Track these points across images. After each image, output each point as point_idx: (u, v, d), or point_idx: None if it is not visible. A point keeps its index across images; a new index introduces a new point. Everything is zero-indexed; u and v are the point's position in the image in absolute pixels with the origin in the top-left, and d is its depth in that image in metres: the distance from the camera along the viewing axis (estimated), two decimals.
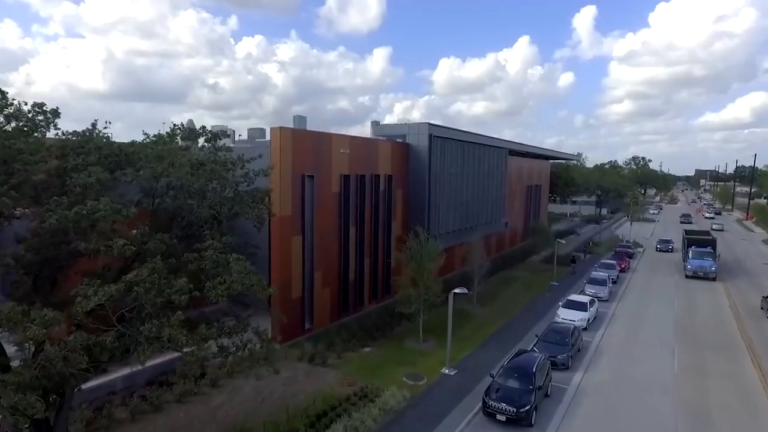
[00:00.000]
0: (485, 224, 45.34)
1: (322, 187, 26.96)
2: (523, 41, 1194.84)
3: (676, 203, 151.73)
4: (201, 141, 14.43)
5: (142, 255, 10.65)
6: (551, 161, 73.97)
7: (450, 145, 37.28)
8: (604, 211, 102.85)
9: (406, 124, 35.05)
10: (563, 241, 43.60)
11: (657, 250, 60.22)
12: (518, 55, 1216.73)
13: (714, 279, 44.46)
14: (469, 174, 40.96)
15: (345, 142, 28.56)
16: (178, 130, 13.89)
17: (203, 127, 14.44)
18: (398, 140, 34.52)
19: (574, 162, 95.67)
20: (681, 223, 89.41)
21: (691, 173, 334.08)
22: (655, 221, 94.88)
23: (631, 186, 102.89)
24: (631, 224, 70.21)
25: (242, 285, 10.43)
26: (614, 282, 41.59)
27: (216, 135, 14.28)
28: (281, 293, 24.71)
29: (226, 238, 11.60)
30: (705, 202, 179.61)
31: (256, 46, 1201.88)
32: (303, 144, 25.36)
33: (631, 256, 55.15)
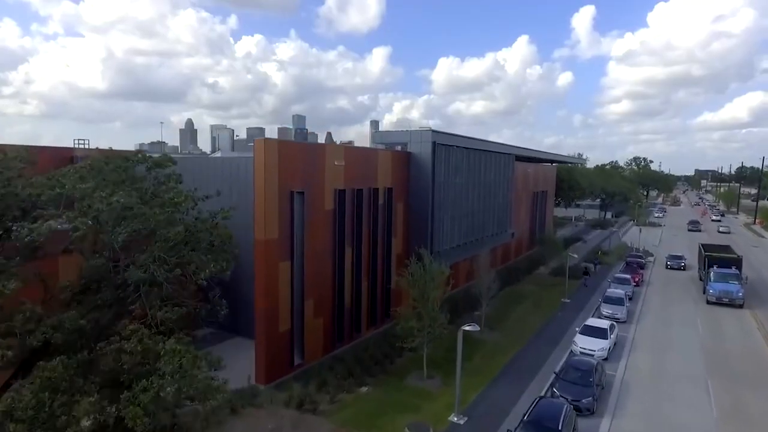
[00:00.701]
0: (492, 236, 42.32)
1: (314, 204, 23.90)
2: (522, 41, 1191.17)
3: (679, 205, 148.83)
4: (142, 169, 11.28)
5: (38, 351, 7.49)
6: (555, 164, 70.95)
7: (454, 152, 34.23)
8: (608, 215, 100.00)
9: (407, 131, 31.99)
10: (575, 256, 40.61)
11: (668, 268, 52.37)
12: (517, 55, 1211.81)
13: (741, 306, 37.85)
14: (474, 183, 37.91)
15: (340, 152, 25.49)
16: (104, 165, 10.69)
17: (140, 153, 11.34)
18: (398, 148, 31.50)
19: (578, 165, 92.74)
20: (690, 230, 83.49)
21: (689, 172, 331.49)
22: (661, 226, 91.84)
23: (635, 189, 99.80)
24: (640, 231, 67.08)
25: (182, 392, 7.34)
26: (630, 299, 38.60)
27: (159, 162, 11.15)
28: (267, 326, 21.66)
29: (165, 313, 8.50)
30: (708, 203, 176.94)
31: (256, 45, 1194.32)
32: (291, 157, 22.28)
33: (642, 266, 52.19)
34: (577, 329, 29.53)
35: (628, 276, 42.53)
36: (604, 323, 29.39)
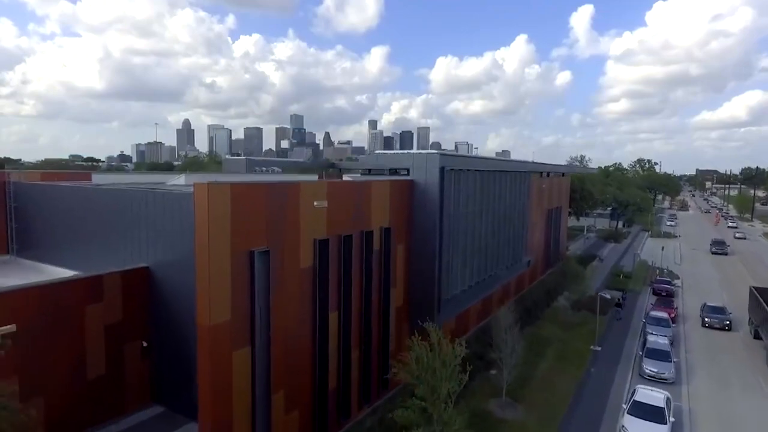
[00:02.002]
0: (506, 268, 36.00)
1: (285, 264, 17.55)
2: (521, 40, 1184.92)
3: (687, 209, 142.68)
4: None
5: None
6: (568, 176, 64.66)
7: (465, 177, 27.90)
8: (619, 223, 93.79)
9: (408, 153, 25.62)
10: (608, 296, 34.39)
11: (705, 326, 37.38)
12: (515, 54, 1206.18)
13: None
14: (488, 210, 31.57)
15: (321, 190, 19.11)
16: None
17: None
18: (401, 173, 25.21)
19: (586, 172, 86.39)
20: (714, 252, 68.86)
21: (689, 171, 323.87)
22: (676, 237, 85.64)
23: (647, 198, 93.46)
24: (662, 250, 60.76)
25: None
26: (671, 343, 32.40)
27: None
28: None
29: None
30: (714, 205, 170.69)
31: (254, 44, 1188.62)
32: (251, 204, 15.92)
33: (672, 294, 46.05)
34: (623, 405, 23.28)
35: (665, 315, 36.21)
36: (659, 397, 23.11)
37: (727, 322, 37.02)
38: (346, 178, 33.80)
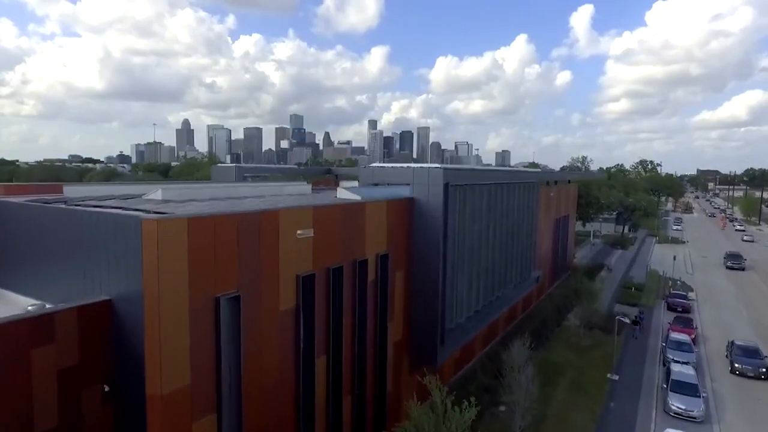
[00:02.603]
0: (514, 287, 33.07)
1: (262, 307, 14.61)
2: (521, 40, 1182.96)
3: (692, 212, 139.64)
4: None
5: None
6: (576, 182, 61.71)
7: (471, 192, 24.96)
8: (624, 227, 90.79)
9: (408, 167, 22.65)
10: (626, 319, 31.39)
11: (735, 372, 30.25)
12: (515, 54, 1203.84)
13: None
14: (495, 226, 28.64)
15: (305, 217, 16.15)
16: None
17: None
18: (400, 189, 22.27)
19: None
20: (728, 267, 61.41)
21: (689, 171, 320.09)
22: (684, 242, 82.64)
23: (654, 204, 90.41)
24: (674, 259, 57.79)
25: None
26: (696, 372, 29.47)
27: None
28: None
29: None
30: (716, 207, 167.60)
31: (254, 44, 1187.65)
32: (215, 240, 12.98)
33: (688, 310, 43.15)
34: None
35: (687, 338, 33.23)
36: None
37: (764, 369, 29.75)
38: (342, 188, 30.83)
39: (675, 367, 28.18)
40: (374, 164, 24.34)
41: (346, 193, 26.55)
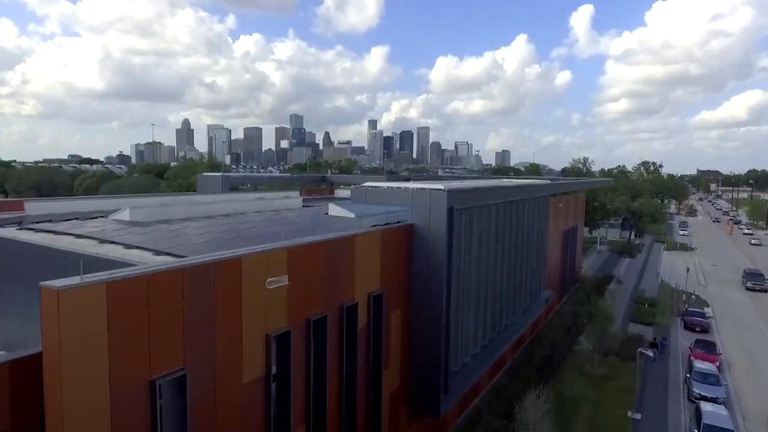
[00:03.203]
0: (523, 312, 29.91)
1: (218, 383, 11.40)
2: (521, 40, 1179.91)
3: (696, 215, 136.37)
4: None
5: None
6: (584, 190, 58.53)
7: (478, 214, 21.77)
8: (629, 233, 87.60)
9: (405, 189, 19.44)
10: (650, 353, 28.21)
11: None
12: (515, 54, 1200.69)
13: None
14: (503, 248, 25.46)
15: (278, 260, 12.91)
16: None
17: None
18: (394, 215, 19.07)
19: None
20: (751, 288, 53.70)
21: (688, 171, 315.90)
22: (692, 249, 79.38)
23: (660, 209, 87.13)
24: (688, 271, 54.55)
25: None
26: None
27: None
28: None
29: None
30: (719, 208, 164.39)
31: (254, 44, 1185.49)
32: (145, 306, 9.76)
33: (707, 329, 39.99)
34: None
35: (713, 368, 30.02)
36: None
37: None
38: (333, 205, 27.83)
39: (705, 407, 24.95)
40: (367, 183, 21.09)
41: (338, 209, 23.55)
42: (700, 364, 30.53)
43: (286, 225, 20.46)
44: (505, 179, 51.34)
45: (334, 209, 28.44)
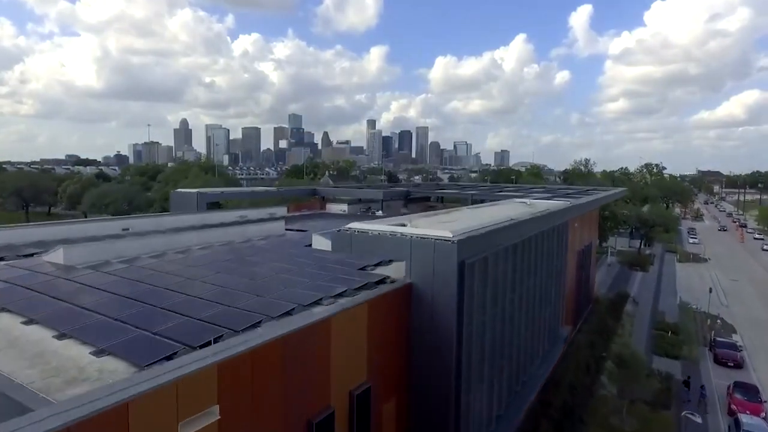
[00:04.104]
0: (542, 362, 25.32)
1: None
2: (520, 40, 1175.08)
3: (703, 220, 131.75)
4: None
5: None
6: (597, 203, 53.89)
7: (493, 261, 17.12)
8: (636, 241, 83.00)
9: (402, 238, 14.77)
10: (697, 419, 23.53)
11: None
12: (514, 54, 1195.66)
13: None
14: (521, 293, 20.83)
15: (204, 386, 8.25)
16: None
17: None
18: (382, 282, 14.42)
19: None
20: None
21: (687, 171, 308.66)
22: (706, 260, 74.78)
23: (673, 218, 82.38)
24: (711, 291, 49.92)
25: None
26: None
27: None
28: None
29: None
30: (723, 210, 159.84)
31: (253, 44, 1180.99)
32: None
33: (740, 363, 35.45)
34: None
35: (764, 426, 25.42)
36: None
37: None
38: (318, 236, 23.46)
39: None
40: (354, 225, 16.33)
41: (323, 242, 19.31)
42: (747, 419, 25.93)
43: (247, 278, 15.80)
44: (513, 195, 46.68)
45: (318, 241, 23.86)
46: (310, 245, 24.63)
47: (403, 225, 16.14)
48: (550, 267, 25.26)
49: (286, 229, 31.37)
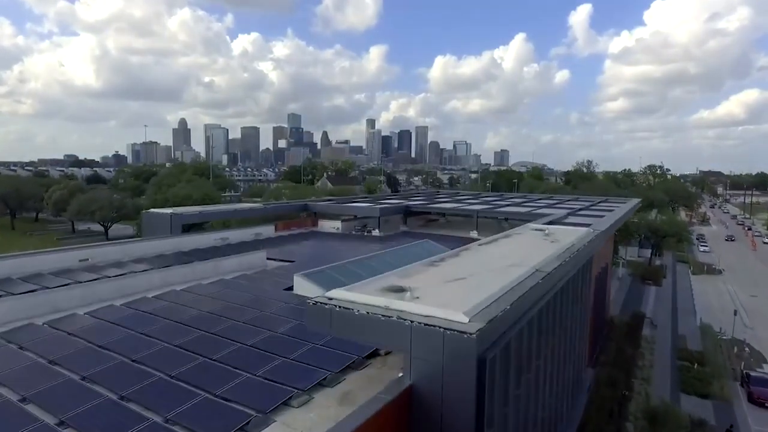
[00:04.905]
0: (565, 416, 21.34)
1: None
2: (519, 39, 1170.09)
3: (710, 224, 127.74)
4: None
5: None
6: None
7: (517, 338, 13.13)
8: (644, 250, 79.04)
9: (400, 320, 10.74)
10: None
11: None
12: (514, 53, 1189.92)
13: None
14: (545, 360, 16.84)
15: None
16: None
17: None
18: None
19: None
20: None
21: (687, 170, 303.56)
22: (720, 272, 70.83)
23: (687, 231, 78.21)
24: (736, 314, 45.98)
25: None
26: None
27: None
28: None
29: None
30: (726, 212, 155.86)
31: (252, 43, 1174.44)
32: None
33: None
34: None
35: None
36: None
37: None
38: (300, 277, 19.91)
39: None
40: (334, 294, 12.26)
41: (306, 286, 15.93)
42: None
43: (194, 363, 11.85)
44: (520, 214, 42.67)
45: (300, 284, 20.14)
46: (292, 288, 20.73)
47: (401, 290, 12.16)
48: (574, 311, 21.31)
49: (269, 258, 27.42)
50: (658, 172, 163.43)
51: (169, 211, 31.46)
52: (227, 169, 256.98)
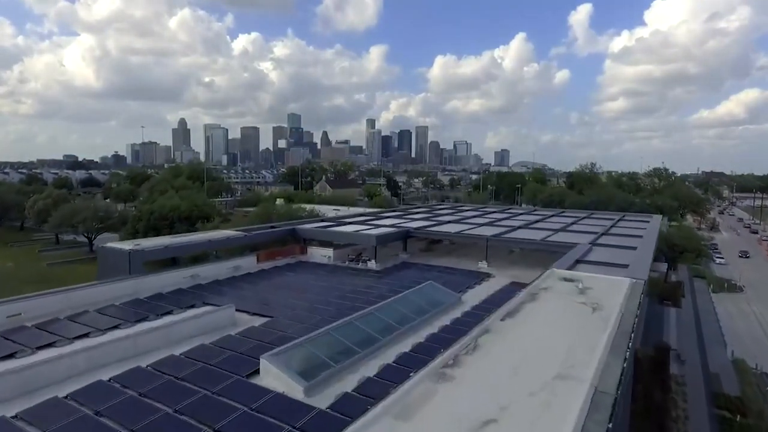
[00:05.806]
0: None
1: None
2: (519, 39, 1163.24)
3: (720, 231, 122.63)
4: None
5: None
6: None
7: None
8: (659, 264, 73.98)
9: None
10: None
11: None
12: (514, 53, 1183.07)
13: None
14: None
15: None
16: None
17: None
18: None
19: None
20: None
21: (688, 170, 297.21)
22: (741, 290, 65.93)
23: (706, 246, 73.08)
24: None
25: None
26: None
27: None
28: None
29: None
30: (732, 215, 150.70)
31: (252, 43, 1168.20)
32: None
33: None
34: None
35: None
36: None
37: None
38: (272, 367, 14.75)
39: None
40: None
41: (273, 372, 11.74)
42: None
43: None
44: (533, 241, 37.66)
45: (268, 371, 15.39)
46: (258, 371, 15.88)
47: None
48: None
49: (239, 311, 22.47)
50: (664, 174, 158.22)
51: (128, 247, 26.43)
52: (225, 171, 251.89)
